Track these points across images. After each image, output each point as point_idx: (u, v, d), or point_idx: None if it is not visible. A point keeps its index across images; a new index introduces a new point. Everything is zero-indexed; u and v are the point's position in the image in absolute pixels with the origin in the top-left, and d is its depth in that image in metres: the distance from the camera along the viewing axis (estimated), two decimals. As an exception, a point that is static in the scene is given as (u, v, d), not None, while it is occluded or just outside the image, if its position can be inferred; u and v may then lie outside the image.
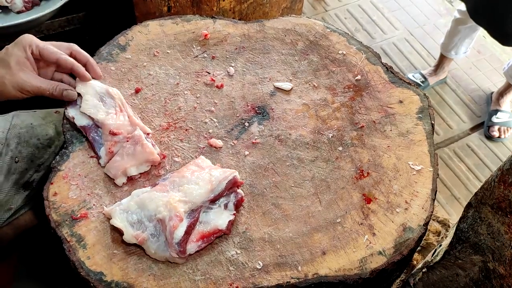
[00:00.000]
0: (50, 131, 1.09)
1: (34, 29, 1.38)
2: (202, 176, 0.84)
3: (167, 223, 0.79)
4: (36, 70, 0.89)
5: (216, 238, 0.84)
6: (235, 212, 0.86)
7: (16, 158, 1.02)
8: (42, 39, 1.42)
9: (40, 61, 0.90)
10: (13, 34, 1.34)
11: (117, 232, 0.83)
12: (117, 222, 0.81)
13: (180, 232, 0.79)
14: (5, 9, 1.29)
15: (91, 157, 0.92)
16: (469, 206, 0.87)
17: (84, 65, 0.93)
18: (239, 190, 0.87)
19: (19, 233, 1.08)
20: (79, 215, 0.85)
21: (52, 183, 0.88)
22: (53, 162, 0.91)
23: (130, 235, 0.80)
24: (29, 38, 0.88)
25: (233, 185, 0.86)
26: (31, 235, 1.12)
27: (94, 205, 0.86)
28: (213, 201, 0.85)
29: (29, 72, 0.87)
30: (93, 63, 0.94)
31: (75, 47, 0.93)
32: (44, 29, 1.40)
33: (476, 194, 0.83)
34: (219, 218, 0.84)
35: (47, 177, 0.91)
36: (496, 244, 0.80)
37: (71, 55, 0.91)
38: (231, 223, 0.85)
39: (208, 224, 0.83)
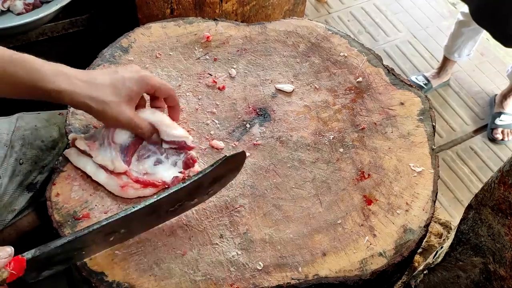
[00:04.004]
0: (54, 133, 1.10)
1: (36, 31, 1.39)
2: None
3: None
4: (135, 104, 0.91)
5: (161, 190, 0.89)
6: (183, 170, 0.90)
7: (21, 160, 1.03)
8: (45, 41, 1.44)
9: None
10: (13, 35, 1.35)
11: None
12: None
13: (122, 134, 0.88)
14: (5, 11, 1.31)
15: None
16: (469, 207, 0.87)
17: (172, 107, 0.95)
18: (191, 152, 0.92)
19: (21, 234, 1.09)
20: (81, 216, 0.85)
21: (54, 184, 0.89)
22: (56, 162, 0.91)
23: (83, 142, 0.89)
24: (148, 77, 0.88)
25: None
26: (33, 236, 1.13)
27: (96, 205, 0.87)
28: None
29: (132, 107, 0.88)
30: (178, 109, 0.96)
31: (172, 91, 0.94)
32: (48, 31, 1.42)
33: (476, 195, 0.83)
34: (165, 172, 0.89)
35: (50, 178, 0.92)
36: (496, 246, 0.80)
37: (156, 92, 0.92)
38: (177, 180, 0.89)
39: (154, 175, 0.89)
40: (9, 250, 0.69)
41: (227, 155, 0.82)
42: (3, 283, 0.66)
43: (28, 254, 0.70)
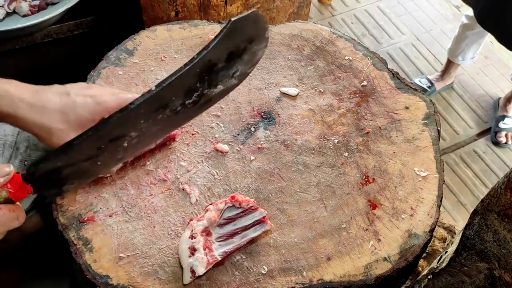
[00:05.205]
0: (58, 134, 1.10)
1: (42, 33, 1.39)
2: None
3: None
4: None
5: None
6: None
7: (25, 162, 1.03)
8: (51, 43, 1.44)
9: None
10: (19, 37, 1.36)
11: (123, 237, 0.84)
12: None
13: None
14: (11, 13, 1.32)
15: None
16: (475, 213, 0.87)
17: None
18: None
19: (25, 236, 1.09)
20: (86, 218, 0.86)
21: (59, 186, 0.89)
22: (61, 165, 0.92)
23: None
24: (103, 102, 0.81)
25: None
26: (37, 238, 1.13)
27: (100, 208, 0.87)
28: None
29: None
30: None
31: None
32: (53, 33, 1.42)
33: (482, 201, 0.83)
34: None
35: (54, 180, 0.92)
36: (502, 251, 0.80)
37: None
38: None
39: None
40: (7, 169, 0.65)
41: (232, 19, 0.64)
42: (7, 201, 0.64)
43: (23, 171, 0.66)
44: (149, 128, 0.71)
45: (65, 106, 0.79)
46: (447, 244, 1.35)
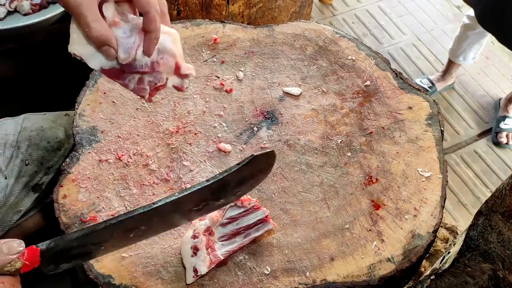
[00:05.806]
0: (60, 134, 1.10)
1: (43, 31, 1.39)
2: None
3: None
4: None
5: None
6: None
7: (27, 161, 1.03)
8: (52, 41, 1.44)
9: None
10: (21, 35, 1.35)
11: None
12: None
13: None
14: (12, 11, 1.31)
15: (100, 160, 0.93)
16: (479, 213, 0.86)
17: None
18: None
19: (27, 235, 1.09)
20: (88, 218, 0.85)
21: (61, 186, 0.89)
22: (63, 164, 0.91)
23: (111, 9, 0.70)
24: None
25: None
26: (39, 238, 1.13)
27: (103, 208, 0.87)
28: None
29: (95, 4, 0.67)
30: (155, 37, 0.73)
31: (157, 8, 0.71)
32: (55, 31, 1.41)
33: (486, 201, 0.83)
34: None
35: (56, 179, 0.91)
36: (506, 252, 0.79)
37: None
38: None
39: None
40: (21, 243, 0.66)
41: (255, 154, 0.76)
42: (16, 273, 0.65)
43: (42, 245, 0.68)
44: (156, 224, 0.75)
45: None
46: (450, 244, 1.35)
